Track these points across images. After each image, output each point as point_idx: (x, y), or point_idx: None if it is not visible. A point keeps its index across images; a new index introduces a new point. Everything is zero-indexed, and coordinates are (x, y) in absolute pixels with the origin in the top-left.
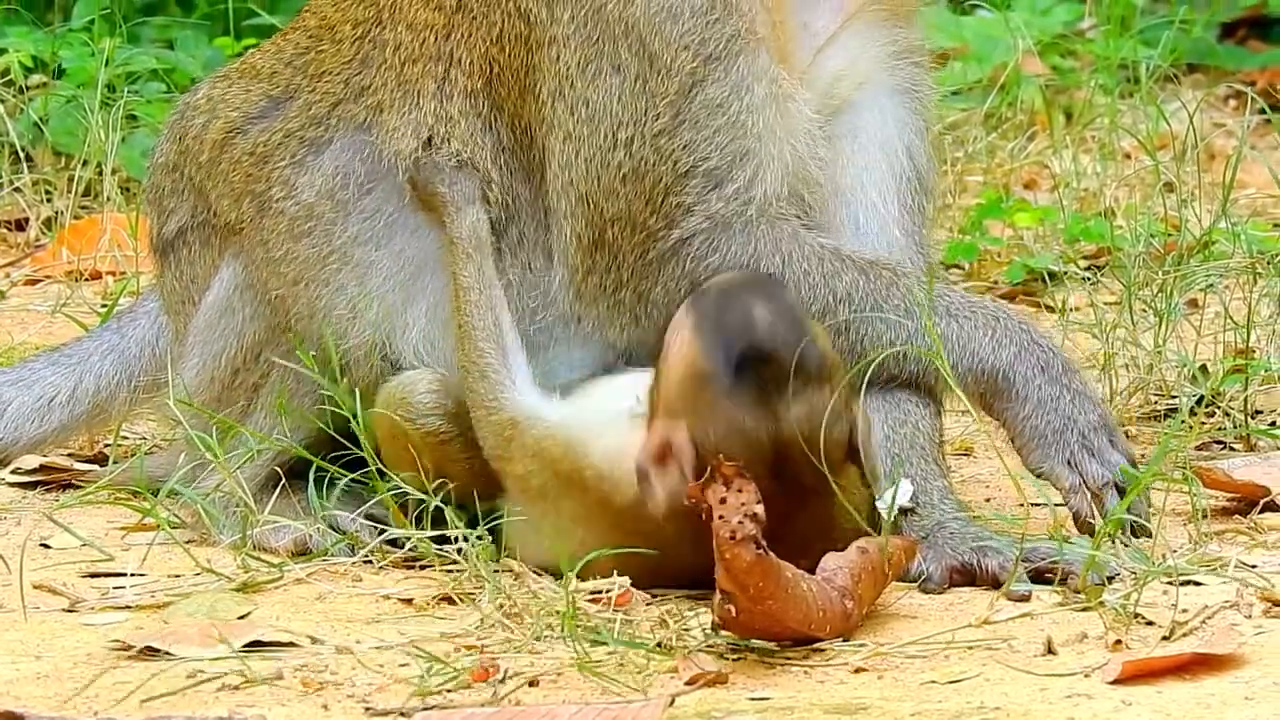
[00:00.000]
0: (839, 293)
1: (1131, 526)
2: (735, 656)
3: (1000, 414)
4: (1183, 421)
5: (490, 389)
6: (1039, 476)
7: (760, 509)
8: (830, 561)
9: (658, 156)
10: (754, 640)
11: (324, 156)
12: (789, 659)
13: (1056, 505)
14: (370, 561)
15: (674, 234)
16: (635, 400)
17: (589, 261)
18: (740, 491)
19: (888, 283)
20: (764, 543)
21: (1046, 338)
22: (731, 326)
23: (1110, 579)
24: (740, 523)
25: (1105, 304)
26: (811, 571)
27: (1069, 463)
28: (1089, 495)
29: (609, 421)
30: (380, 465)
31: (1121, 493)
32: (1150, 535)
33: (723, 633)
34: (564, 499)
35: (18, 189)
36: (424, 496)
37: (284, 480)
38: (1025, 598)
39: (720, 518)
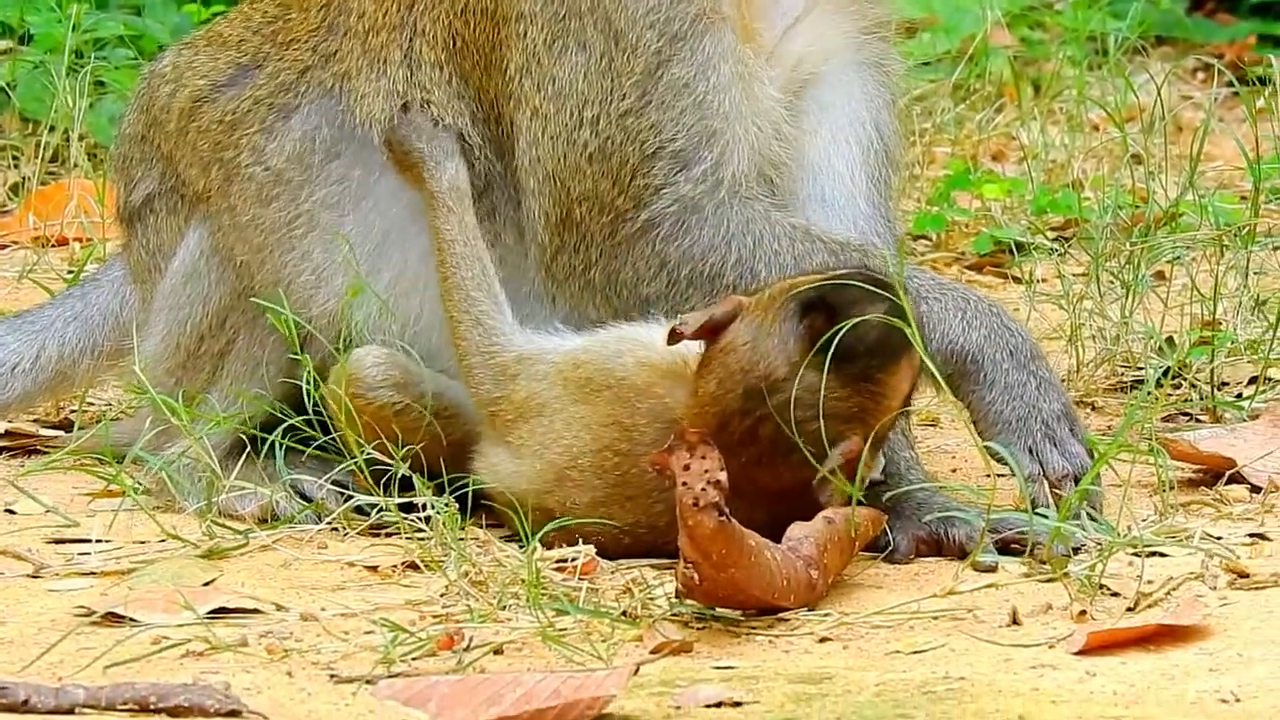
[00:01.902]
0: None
1: (1087, 516)
2: (700, 626)
3: (966, 396)
4: (1149, 393)
5: (487, 334)
6: (999, 461)
7: (723, 476)
8: (796, 531)
9: (624, 136)
10: (718, 609)
11: (292, 122)
12: (754, 628)
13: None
14: (336, 529)
15: (642, 215)
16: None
17: (557, 240)
18: (704, 459)
19: (857, 264)
20: (727, 510)
21: (1016, 322)
22: (855, 297)
23: (1076, 550)
24: (703, 490)
25: (1072, 275)
26: (776, 532)
27: (1030, 450)
28: (1047, 485)
29: (642, 340)
30: (345, 432)
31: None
32: (1102, 525)
33: (687, 601)
34: (574, 405)
35: None
36: (389, 463)
37: (249, 447)
38: (991, 568)
39: (683, 484)
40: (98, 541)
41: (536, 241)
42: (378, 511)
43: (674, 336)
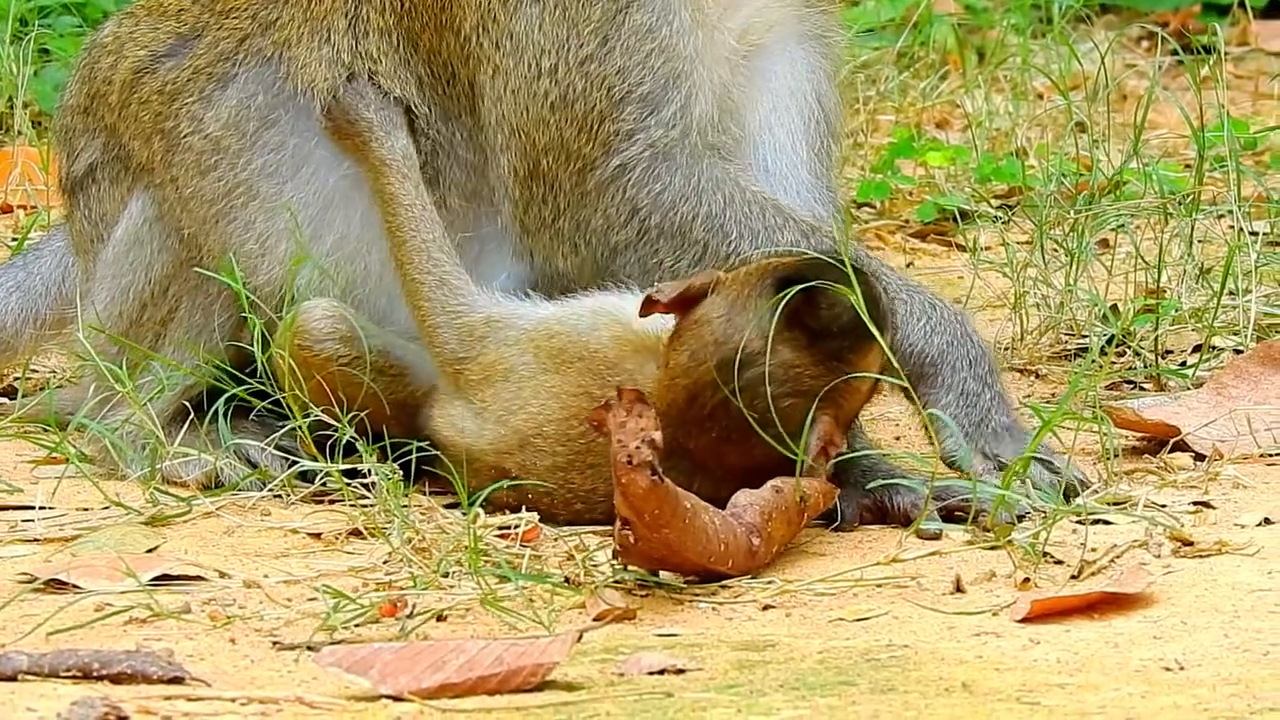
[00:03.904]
0: (780, 248)
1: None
2: (643, 593)
3: (920, 397)
4: (1093, 361)
5: (453, 294)
6: (951, 465)
7: (658, 436)
8: (741, 498)
9: (586, 83)
10: (660, 576)
11: (229, 91)
12: (697, 595)
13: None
14: (279, 495)
15: (613, 161)
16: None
17: (526, 194)
18: (640, 417)
19: (828, 248)
20: (660, 470)
21: (979, 334)
22: (832, 279)
23: (1020, 518)
24: (637, 448)
25: (1017, 243)
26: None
27: (984, 452)
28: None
29: (617, 315)
30: (291, 395)
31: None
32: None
33: (624, 562)
34: (545, 374)
35: None
36: (334, 422)
37: (192, 414)
38: (935, 536)
39: (618, 442)
40: (41, 508)
41: (509, 198)
42: (321, 477)
43: (648, 305)
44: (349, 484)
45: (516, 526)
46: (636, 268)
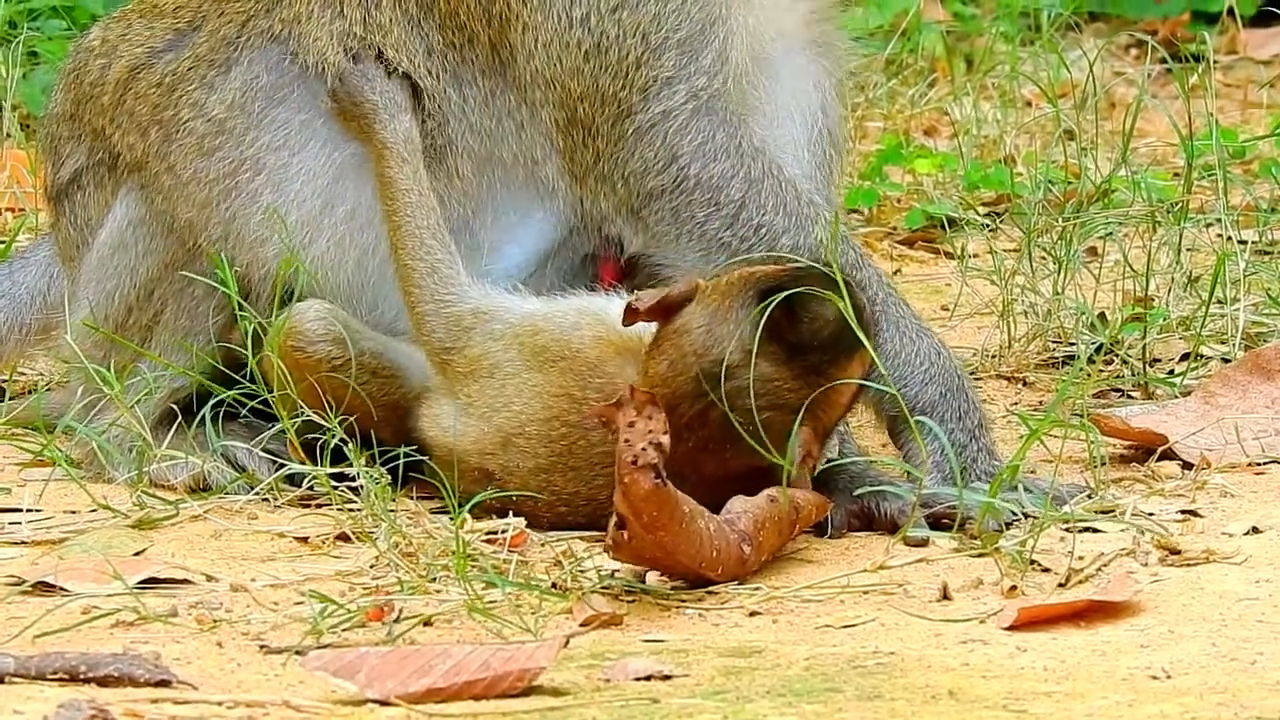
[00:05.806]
0: (810, 247)
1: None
2: (630, 599)
3: (901, 443)
4: (1081, 369)
5: (443, 283)
6: (925, 504)
7: (666, 440)
8: (736, 505)
9: (619, 30)
10: (647, 581)
11: (233, 73)
12: (684, 601)
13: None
14: (267, 499)
15: (654, 107)
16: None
17: (569, 142)
18: (650, 419)
19: (853, 263)
20: (664, 474)
21: (975, 391)
22: (814, 292)
23: (1007, 525)
24: (644, 449)
25: (1004, 251)
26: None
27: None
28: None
29: (600, 316)
30: (282, 393)
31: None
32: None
33: (614, 557)
34: (528, 372)
35: None
36: (322, 423)
37: (180, 417)
38: (922, 543)
39: (626, 441)
40: (28, 511)
41: (555, 150)
42: (308, 482)
43: (629, 314)
44: (336, 488)
45: (503, 532)
46: (669, 217)
